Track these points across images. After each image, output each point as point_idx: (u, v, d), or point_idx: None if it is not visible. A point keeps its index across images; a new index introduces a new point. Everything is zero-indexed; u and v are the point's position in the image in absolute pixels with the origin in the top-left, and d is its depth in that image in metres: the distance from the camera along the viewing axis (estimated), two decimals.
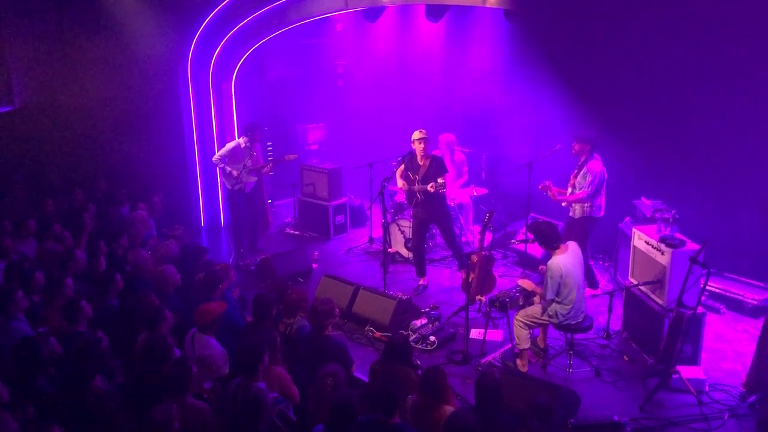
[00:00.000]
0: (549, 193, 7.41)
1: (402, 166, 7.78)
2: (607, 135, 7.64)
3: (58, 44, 10.12)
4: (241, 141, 8.94)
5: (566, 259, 5.95)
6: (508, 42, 9.21)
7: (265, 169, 9.50)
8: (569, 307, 5.96)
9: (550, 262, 5.98)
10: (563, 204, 7.47)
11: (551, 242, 6.02)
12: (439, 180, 7.33)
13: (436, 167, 7.54)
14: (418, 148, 7.55)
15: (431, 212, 7.71)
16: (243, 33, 9.61)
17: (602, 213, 7.36)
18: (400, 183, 7.86)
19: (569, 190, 7.35)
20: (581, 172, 7.24)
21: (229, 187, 8.95)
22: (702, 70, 7.26)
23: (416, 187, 7.60)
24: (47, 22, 10.03)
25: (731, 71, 7.09)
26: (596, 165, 7.19)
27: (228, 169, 8.80)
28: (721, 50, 7.07)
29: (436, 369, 4.70)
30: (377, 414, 4.19)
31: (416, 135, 7.56)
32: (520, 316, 6.18)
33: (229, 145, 8.97)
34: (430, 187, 7.33)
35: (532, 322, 6.15)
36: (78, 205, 8.93)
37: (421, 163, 7.60)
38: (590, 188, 7.14)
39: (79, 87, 10.31)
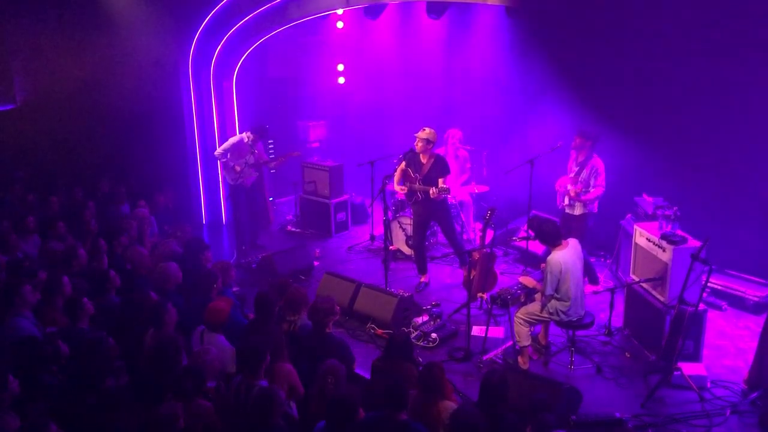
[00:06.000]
0: (573, 194, 7.42)
1: (402, 164, 7.74)
2: (608, 131, 7.65)
3: (60, 43, 10.13)
4: (245, 136, 8.93)
5: (566, 255, 5.96)
6: (509, 39, 9.20)
7: (272, 165, 9.50)
8: (568, 303, 5.97)
9: (549, 258, 5.99)
10: (565, 202, 7.48)
11: (552, 239, 6.03)
12: (443, 186, 7.31)
13: (439, 167, 7.50)
14: (419, 146, 7.52)
15: (431, 210, 7.69)
16: (244, 30, 9.61)
17: (596, 209, 7.48)
18: (398, 188, 7.82)
19: (569, 187, 7.42)
20: (587, 171, 7.29)
21: (230, 182, 8.97)
22: (704, 67, 7.25)
23: (417, 186, 7.58)
24: (48, 21, 10.03)
25: (733, 69, 7.07)
26: (599, 161, 7.30)
27: (231, 164, 8.80)
28: (723, 48, 7.05)
29: (434, 364, 4.71)
30: (385, 410, 4.17)
31: (421, 134, 7.50)
32: (520, 314, 6.19)
33: (232, 140, 8.97)
34: (432, 193, 7.31)
35: (532, 319, 6.15)
36: (78, 204, 8.94)
37: (423, 162, 7.56)
38: (603, 185, 7.31)
39: (81, 85, 10.31)
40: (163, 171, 10.28)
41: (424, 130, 7.52)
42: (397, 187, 7.84)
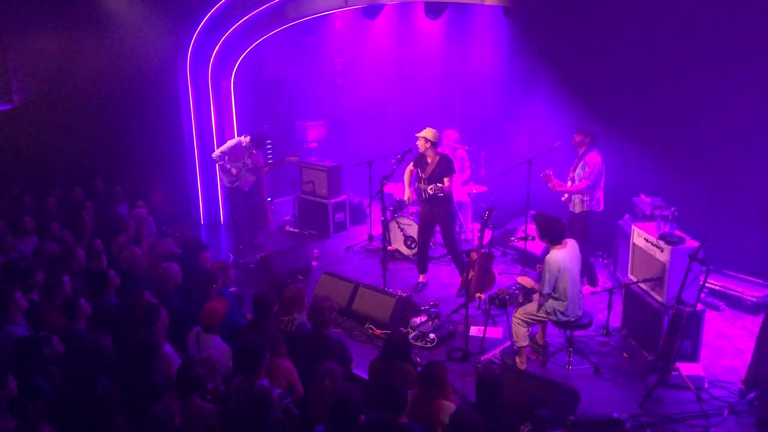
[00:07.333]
0: (549, 184, 7.41)
1: (411, 164, 7.72)
2: (606, 132, 7.65)
3: (57, 42, 10.12)
4: (243, 139, 8.93)
5: (564, 255, 5.96)
6: (507, 39, 9.20)
7: (265, 170, 9.52)
8: (566, 303, 5.97)
9: (548, 257, 5.99)
10: (563, 198, 7.50)
11: (555, 237, 6.03)
12: (438, 184, 7.31)
13: (443, 167, 7.47)
14: (420, 145, 7.49)
15: (435, 211, 7.63)
16: (242, 30, 9.61)
17: (602, 207, 7.39)
18: (407, 194, 7.80)
19: (568, 183, 7.40)
20: (580, 164, 7.28)
21: (227, 185, 8.97)
22: (702, 66, 7.25)
23: (421, 185, 7.58)
24: (45, 20, 10.02)
25: (731, 68, 7.08)
26: (595, 157, 7.24)
27: (227, 166, 8.80)
28: (721, 47, 7.06)
29: (436, 363, 4.72)
30: (384, 413, 4.16)
31: (420, 133, 7.46)
32: (518, 314, 6.18)
33: (230, 143, 8.97)
34: (430, 190, 7.32)
35: (530, 319, 6.15)
36: (77, 204, 8.92)
37: (429, 161, 7.54)
38: (589, 179, 7.19)
39: (78, 85, 10.30)
40: (162, 171, 10.26)
41: (425, 129, 7.51)
42: (406, 193, 7.80)
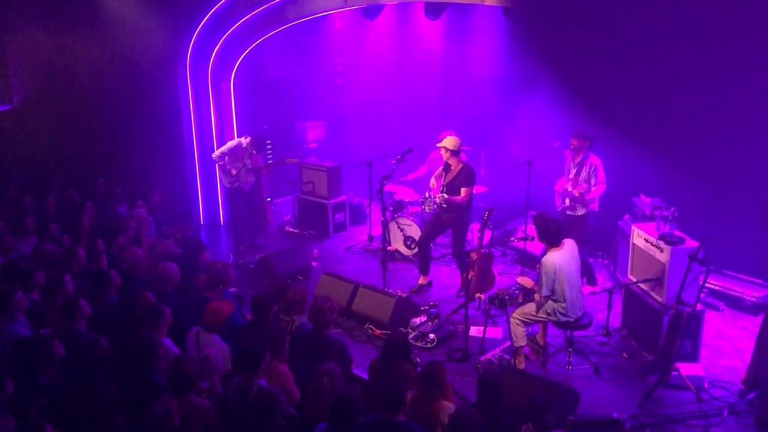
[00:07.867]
0: (579, 197, 7.42)
1: (441, 168, 7.74)
2: (606, 132, 7.66)
3: (57, 42, 10.11)
4: (243, 140, 8.95)
5: (560, 256, 5.96)
6: (507, 39, 9.20)
7: (264, 171, 9.53)
8: (565, 304, 5.97)
9: (544, 259, 5.98)
10: (566, 203, 7.50)
11: (553, 239, 6.03)
12: (445, 195, 7.34)
13: (463, 177, 7.44)
14: (442, 155, 7.51)
15: (448, 217, 7.60)
16: (242, 31, 9.62)
17: (597, 207, 7.48)
18: (432, 181, 7.84)
19: (569, 188, 7.41)
20: (586, 170, 7.31)
21: (227, 185, 8.98)
22: (702, 66, 7.26)
23: (439, 191, 7.59)
24: (45, 20, 10.02)
25: (731, 68, 7.09)
26: (597, 159, 7.33)
27: (227, 167, 8.81)
28: (721, 47, 7.07)
29: (436, 363, 4.72)
30: (382, 413, 4.16)
31: (441, 142, 7.46)
32: (516, 314, 6.18)
33: (230, 143, 8.98)
34: (438, 198, 7.35)
35: (528, 319, 6.14)
36: (75, 205, 8.91)
37: (452, 169, 7.53)
38: (605, 182, 7.33)
39: (78, 86, 10.30)
40: (161, 171, 10.26)
41: (446, 138, 7.47)
42: (432, 181, 7.85)
